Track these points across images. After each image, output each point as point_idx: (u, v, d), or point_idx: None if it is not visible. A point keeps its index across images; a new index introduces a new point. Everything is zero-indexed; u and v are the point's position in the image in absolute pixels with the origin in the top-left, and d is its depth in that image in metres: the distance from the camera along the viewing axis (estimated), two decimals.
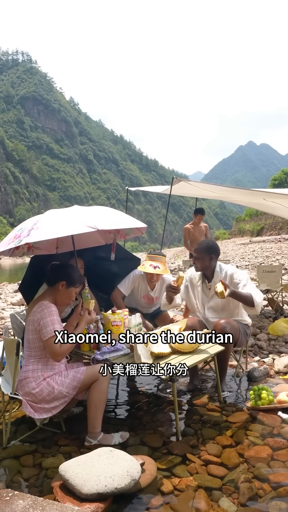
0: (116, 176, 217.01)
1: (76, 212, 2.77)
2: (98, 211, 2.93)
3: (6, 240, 2.71)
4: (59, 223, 2.57)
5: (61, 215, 2.70)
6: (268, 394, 2.85)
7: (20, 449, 2.40)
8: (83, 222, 2.58)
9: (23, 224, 2.73)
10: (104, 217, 2.79)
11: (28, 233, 2.42)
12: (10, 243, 2.55)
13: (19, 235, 2.53)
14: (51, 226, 2.50)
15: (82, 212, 2.79)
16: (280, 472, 2.11)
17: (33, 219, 2.70)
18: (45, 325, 2.37)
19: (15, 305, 8.34)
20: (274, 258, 19.64)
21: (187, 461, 2.23)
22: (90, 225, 2.55)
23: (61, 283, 2.54)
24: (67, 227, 2.55)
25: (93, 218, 2.66)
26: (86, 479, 1.82)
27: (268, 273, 6.82)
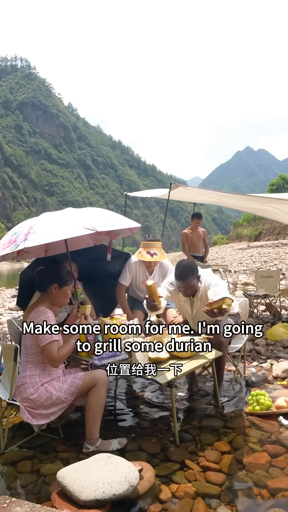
0: (114, 181, 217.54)
1: (71, 214, 2.74)
2: (92, 212, 2.90)
3: (1, 243, 2.67)
4: (56, 226, 2.54)
5: (57, 217, 2.67)
6: (266, 400, 2.84)
7: (17, 455, 2.39)
8: (81, 224, 2.55)
9: (17, 228, 2.68)
10: (100, 218, 2.76)
11: (25, 237, 2.38)
12: (5, 248, 2.51)
13: (14, 240, 2.49)
14: (48, 230, 2.47)
15: (77, 214, 2.76)
16: (278, 478, 2.10)
17: (27, 223, 2.65)
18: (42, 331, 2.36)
19: (13, 310, 8.32)
20: (272, 263, 19.67)
21: (185, 467, 2.22)
22: (87, 227, 2.52)
23: (53, 286, 2.54)
24: (64, 230, 2.52)
25: (90, 219, 2.63)
26: (84, 485, 1.82)
27: (266, 278, 6.84)
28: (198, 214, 7.37)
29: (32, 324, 2.39)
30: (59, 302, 2.59)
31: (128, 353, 2.75)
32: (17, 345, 2.44)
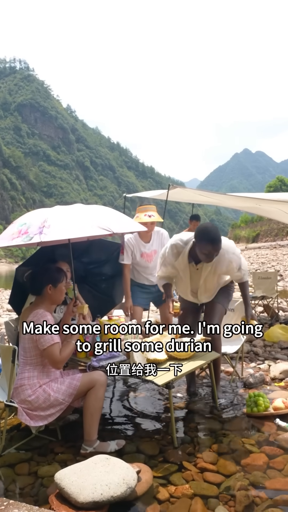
0: (112, 182, 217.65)
1: (85, 212, 2.68)
2: (104, 211, 2.85)
3: (8, 234, 2.58)
4: (72, 223, 2.47)
5: (71, 213, 2.60)
6: (264, 401, 2.85)
7: (15, 457, 2.39)
8: (96, 223, 2.50)
9: (26, 219, 2.58)
10: (113, 219, 2.72)
11: (40, 230, 2.31)
12: (15, 238, 2.44)
13: (25, 231, 2.40)
14: (64, 225, 2.40)
15: (90, 212, 2.70)
16: (276, 479, 2.10)
17: (38, 215, 2.56)
18: (43, 334, 2.36)
19: (11, 311, 8.30)
20: (269, 265, 19.71)
21: (183, 469, 2.22)
22: (103, 227, 2.50)
23: (48, 287, 2.53)
24: (80, 228, 2.47)
25: (105, 219, 2.59)
26: (82, 487, 1.81)
27: (263, 280, 6.86)
28: (196, 216, 7.38)
29: (32, 325, 2.39)
30: (57, 300, 2.59)
31: (126, 354, 2.75)
32: (15, 346, 2.44)
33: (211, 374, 3.07)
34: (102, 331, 2.92)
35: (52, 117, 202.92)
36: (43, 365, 2.46)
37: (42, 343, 2.36)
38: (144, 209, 3.76)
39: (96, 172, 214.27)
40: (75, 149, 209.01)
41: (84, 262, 3.65)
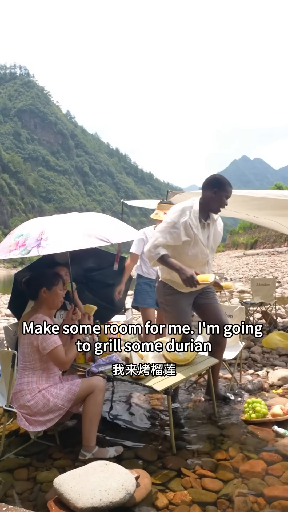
0: (111, 188, 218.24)
1: (82, 222, 2.67)
2: (101, 219, 2.84)
3: (5, 246, 2.55)
4: (69, 234, 2.46)
5: (68, 224, 2.59)
6: (262, 407, 2.86)
7: (14, 462, 2.38)
8: (94, 234, 2.50)
9: (23, 230, 2.57)
10: (111, 228, 2.72)
11: (37, 243, 2.31)
12: (13, 251, 2.41)
13: (23, 243, 2.39)
14: (61, 237, 2.39)
15: (87, 222, 2.70)
16: (274, 486, 2.11)
17: (35, 225, 2.55)
18: (45, 338, 2.37)
19: (10, 316, 8.29)
20: (267, 271, 19.75)
21: (182, 475, 2.22)
22: (101, 238, 2.49)
23: (42, 290, 2.55)
24: (78, 240, 2.45)
25: (102, 229, 2.59)
26: (81, 492, 1.82)
27: (261, 286, 6.88)
28: None
29: (32, 327, 2.41)
30: (53, 304, 2.61)
31: (125, 360, 2.76)
32: (14, 351, 2.45)
33: (210, 381, 3.07)
34: (102, 332, 2.94)
35: (52, 123, 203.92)
36: (42, 369, 2.47)
37: (44, 347, 2.37)
38: (164, 207, 3.89)
39: (95, 177, 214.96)
40: (74, 155, 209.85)
41: (85, 268, 3.67)
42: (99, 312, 3.63)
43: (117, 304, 3.90)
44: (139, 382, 2.48)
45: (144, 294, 3.88)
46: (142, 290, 3.90)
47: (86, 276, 3.70)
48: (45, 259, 3.27)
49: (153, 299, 3.91)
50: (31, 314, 2.52)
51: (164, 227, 2.87)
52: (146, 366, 2.49)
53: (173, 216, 2.86)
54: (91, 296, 3.75)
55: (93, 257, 3.65)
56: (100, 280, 3.74)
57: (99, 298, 3.78)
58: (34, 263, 3.29)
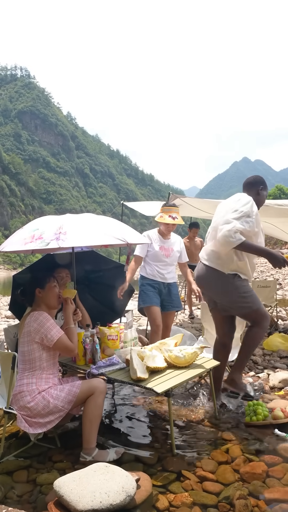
0: (112, 190, 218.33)
1: (97, 221, 2.73)
2: (113, 221, 2.88)
3: (19, 239, 2.54)
4: (87, 231, 2.52)
5: (84, 222, 2.64)
6: (263, 410, 2.85)
7: (14, 464, 2.37)
8: (111, 233, 2.56)
9: (36, 225, 2.58)
10: (125, 230, 2.78)
11: (57, 236, 2.33)
12: (28, 243, 2.42)
13: (39, 236, 2.40)
14: (80, 233, 2.44)
15: (102, 221, 2.75)
16: (275, 488, 2.10)
17: (49, 222, 2.57)
18: (48, 330, 2.41)
19: (10, 318, 8.29)
20: (268, 273, 19.73)
21: (182, 477, 2.22)
22: (119, 237, 2.56)
23: (37, 291, 2.58)
24: (96, 236, 2.53)
25: (118, 229, 2.65)
26: (81, 495, 1.81)
27: (262, 288, 6.87)
28: (195, 223, 7.41)
29: (32, 327, 2.41)
30: (50, 302, 2.61)
31: (126, 361, 2.76)
32: (15, 353, 2.45)
33: (211, 382, 3.06)
34: (103, 339, 2.94)
35: (52, 124, 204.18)
36: (42, 370, 2.46)
37: (50, 339, 2.41)
38: (168, 210, 3.87)
39: (96, 179, 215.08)
40: (75, 156, 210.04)
41: (87, 270, 3.67)
42: (100, 315, 3.64)
43: (118, 307, 3.89)
44: (140, 384, 2.47)
45: (150, 294, 3.87)
46: (147, 291, 3.89)
47: (88, 278, 3.70)
48: (44, 260, 3.27)
49: (158, 299, 3.91)
50: (29, 313, 2.54)
51: (239, 216, 2.77)
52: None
53: (247, 207, 2.82)
54: (91, 298, 3.75)
55: (93, 261, 3.66)
56: (101, 282, 3.74)
57: (101, 301, 3.78)
58: (33, 265, 3.30)
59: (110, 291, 3.74)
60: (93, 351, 2.79)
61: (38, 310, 2.52)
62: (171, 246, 4.00)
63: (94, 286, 3.77)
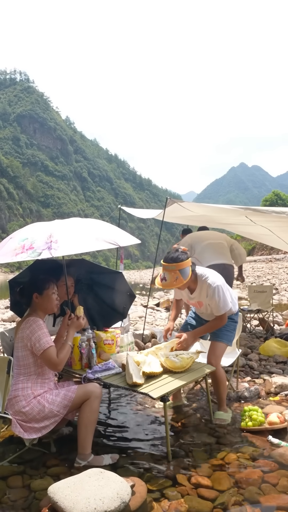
0: (110, 194, 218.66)
1: (86, 226, 2.72)
2: (103, 225, 2.88)
3: (9, 250, 2.48)
4: (78, 237, 2.50)
5: (74, 228, 2.63)
6: (259, 415, 2.84)
7: (8, 470, 2.36)
8: (102, 237, 2.55)
9: (25, 234, 2.54)
10: (116, 233, 2.77)
11: (48, 246, 2.32)
12: (19, 254, 2.38)
13: (30, 246, 2.37)
14: (71, 241, 2.42)
15: (91, 226, 2.74)
16: (271, 495, 2.09)
17: (38, 230, 2.55)
18: (38, 339, 2.38)
19: (6, 321, 8.26)
20: (265, 278, 19.77)
21: (177, 483, 2.21)
22: (110, 241, 2.55)
23: (34, 296, 2.56)
24: (88, 242, 2.50)
25: (108, 233, 2.64)
26: (76, 501, 1.80)
27: (259, 293, 6.88)
28: (188, 230, 7.41)
29: (25, 334, 2.40)
30: (47, 308, 2.60)
31: (122, 366, 2.75)
32: (10, 357, 2.43)
33: (207, 388, 3.06)
34: (99, 343, 2.93)
35: (51, 128, 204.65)
36: (37, 375, 2.45)
37: (38, 348, 2.37)
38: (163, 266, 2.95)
39: (94, 183, 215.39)
40: (73, 160, 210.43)
41: (89, 272, 3.67)
42: (103, 316, 3.63)
43: (118, 309, 3.88)
44: (135, 389, 2.47)
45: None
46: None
47: (91, 278, 3.70)
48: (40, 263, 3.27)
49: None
50: (25, 317, 2.53)
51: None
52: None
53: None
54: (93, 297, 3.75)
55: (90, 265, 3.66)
56: (103, 284, 3.73)
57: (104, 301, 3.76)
58: (28, 268, 3.29)
59: (112, 293, 3.74)
60: (89, 356, 2.79)
61: (34, 315, 2.51)
62: (201, 300, 3.13)
63: (96, 288, 3.77)
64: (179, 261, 2.85)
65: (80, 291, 3.62)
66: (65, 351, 2.47)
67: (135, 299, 3.93)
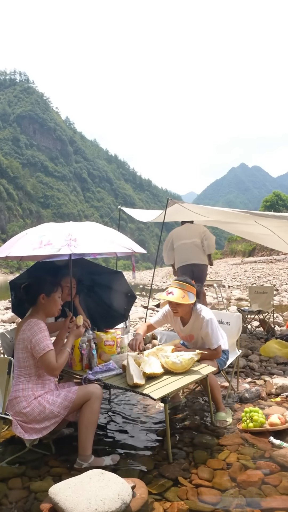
0: (109, 194, 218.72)
1: (102, 229, 2.81)
2: (114, 231, 2.96)
3: (26, 245, 2.50)
4: (96, 239, 2.60)
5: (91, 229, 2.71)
6: (260, 417, 2.84)
7: (8, 471, 2.35)
8: (117, 242, 2.67)
9: (42, 231, 2.58)
10: (127, 239, 2.89)
11: (68, 243, 2.39)
12: (37, 249, 2.40)
13: (48, 243, 2.41)
14: (90, 240, 2.52)
15: (106, 230, 2.84)
16: (271, 496, 2.09)
17: (56, 229, 2.58)
18: (38, 342, 2.37)
19: (6, 322, 8.25)
20: (265, 279, 19.78)
21: (178, 484, 2.20)
22: (126, 246, 2.67)
23: (41, 296, 2.55)
24: (105, 244, 2.62)
25: (122, 239, 2.76)
26: (76, 502, 1.79)
27: (259, 294, 6.88)
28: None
29: (26, 335, 2.40)
30: (50, 311, 2.60)
31: (122, 367, 2.75)
32: (11, 358, 2.43)
33: (207, 389, 3.05)
34: (100, 344, 2.93)
35: (51, 129, 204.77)
36: (38, 376, 2.45)
37: (37, 351, 2.36)
38: (173, 283, 3.10)
39: (94, 184, 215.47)
40: (73, 161, 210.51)
41: (89, 272, 3.67)
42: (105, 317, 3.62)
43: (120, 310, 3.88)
44: (136, 390, 2.46)
45: None
46: None
47: (92, 279, 3.70)
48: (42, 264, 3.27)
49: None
50: (27, 318, 2.52)
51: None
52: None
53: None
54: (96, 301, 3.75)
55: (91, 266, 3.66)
56: (104, 285, 3.73)
57: (105, 303, 3.77)
58: (29, 269, 3.29)
59: (113, 294, 3.74)
60: (89, 357, 2.78)
61: (36, 317, 2.50)
62: (191, 333, 3.20)
63: (97, 289, 3.77)
64: (191, 284, 3.10)
65: (81, 292, 3.62)
66: (64, 357, 2.47)
67: (135, 300, 3.93)
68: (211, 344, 3.07)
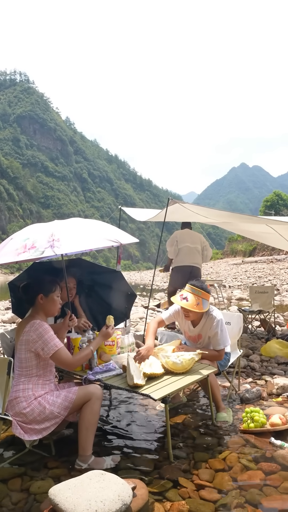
0: (110, 195, 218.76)
1: (87, 225, 2.74)
2: (102, 224, 2.89)
3: (11, 250, 2.49)
4: (80, 236, 2.53)
5: (75, 227, 2.65)
6: (261, 417, 2.83)
7: (8, 472, 2.34)
8: (103, 236, 2.59)
9: (26, 234, 2.55)
10: (115, 231, 2.81)
11: (50, 244, 2.33)
12: (21, 254, 2.39)
13: (32, 246, 2.39)
14: (73, 239, 2.45)
15: (92, 225, 2.77)
16: (272, 496, 2.08)
17: (39, 230, 2.56)
18: (46, 342, 2.36)
19: (6, 322, 8.24)
20: (266, 279, 19.76)
21: (179, 485, 2.19)
22: (111, 239, 2.59)
23: (39, 296, 2.54)
24: (90, 240, 2.55)
25: (109, 232, 2.67)
26: (77, 503, 1.78)
27: (260, 294, 6.87)
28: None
29: (30, 337, 2.39)
30: (49, 311, 2.59)
31: (122, 367, 2.74)
32: (10, 358, 2.42)
33: (208, 389, 3.04)
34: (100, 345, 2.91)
35: (51, 129, 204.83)
36: (38, 376, 2.44)
37: (46, 351, 2.36)
38: (188, 289, 3.07)
39: (94, 184, 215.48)
40: (73, 161, 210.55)
41: (89, 272, 3.67)
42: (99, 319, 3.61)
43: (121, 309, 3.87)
44: (136, 391, 2.45)
45: None
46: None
47: (92, 279, 3.69)
48: (40, 264, 3.27)
49: None
50: (28, 320, 2.50)
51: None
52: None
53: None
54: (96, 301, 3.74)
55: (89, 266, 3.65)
56: (104, 284, 3.73)
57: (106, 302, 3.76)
58: (27, 270, 3.28)
59: (113, 293, 3.73)
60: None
61: (37, 317, 2.49)
62: (200, 333, 3.21)
63: (97, 289, 3.76)
64: (206, 291, 3.05)
65: (82, 292, 3.61)
66: (83, 353, 2.52)
67: (135, 300, 3.93)
68: (218, 344, 3.06)
